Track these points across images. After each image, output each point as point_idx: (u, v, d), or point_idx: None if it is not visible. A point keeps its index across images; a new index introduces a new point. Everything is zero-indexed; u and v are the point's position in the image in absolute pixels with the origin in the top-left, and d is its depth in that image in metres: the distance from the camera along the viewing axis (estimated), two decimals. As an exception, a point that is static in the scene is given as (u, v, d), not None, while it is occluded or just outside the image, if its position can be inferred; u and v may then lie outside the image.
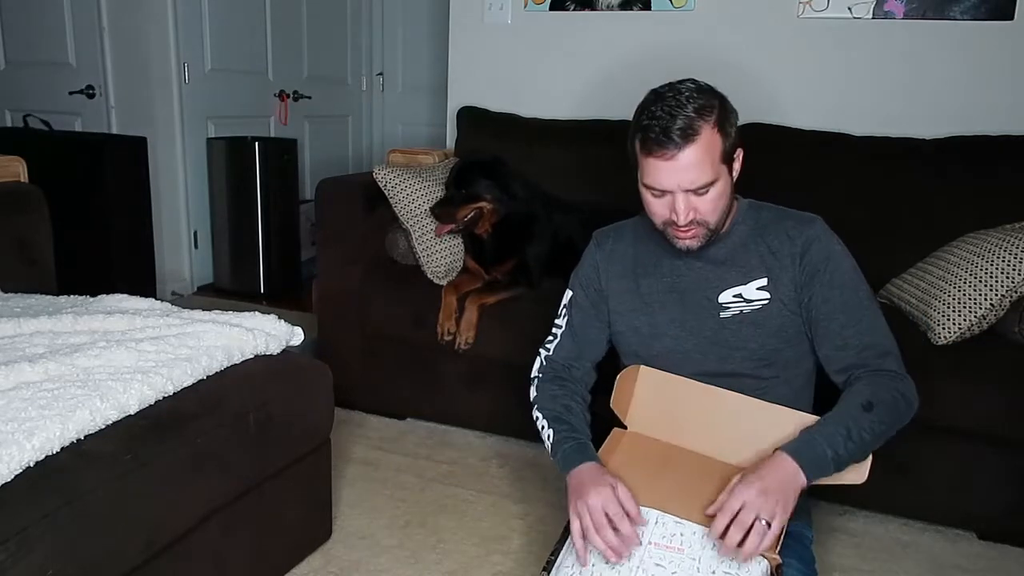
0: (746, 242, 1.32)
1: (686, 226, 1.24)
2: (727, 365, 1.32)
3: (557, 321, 1.48)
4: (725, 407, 1.27)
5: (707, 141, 1.19)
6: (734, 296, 1.31)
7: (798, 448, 1.14)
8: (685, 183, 1.20)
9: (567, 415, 1.35)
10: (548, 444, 1.35)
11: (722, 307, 1.32)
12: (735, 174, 1.28)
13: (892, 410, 1.20)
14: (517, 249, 2.22)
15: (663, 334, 1.36)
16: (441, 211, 2.16)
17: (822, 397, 1.35)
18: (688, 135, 1.17)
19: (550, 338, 1.48)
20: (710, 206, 1.23)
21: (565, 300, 1.48)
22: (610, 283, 1.41)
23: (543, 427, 1.37)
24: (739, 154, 1.28)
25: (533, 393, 1.44)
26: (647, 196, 1.26)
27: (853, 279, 1.29)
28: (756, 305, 1.30)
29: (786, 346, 1.32)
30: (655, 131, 1.19)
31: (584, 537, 1.14)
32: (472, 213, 2.17)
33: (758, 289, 1.30)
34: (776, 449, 1.15)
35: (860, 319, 1.26)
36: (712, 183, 1.21)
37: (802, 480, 1.12)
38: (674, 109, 1.18)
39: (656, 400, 1.32)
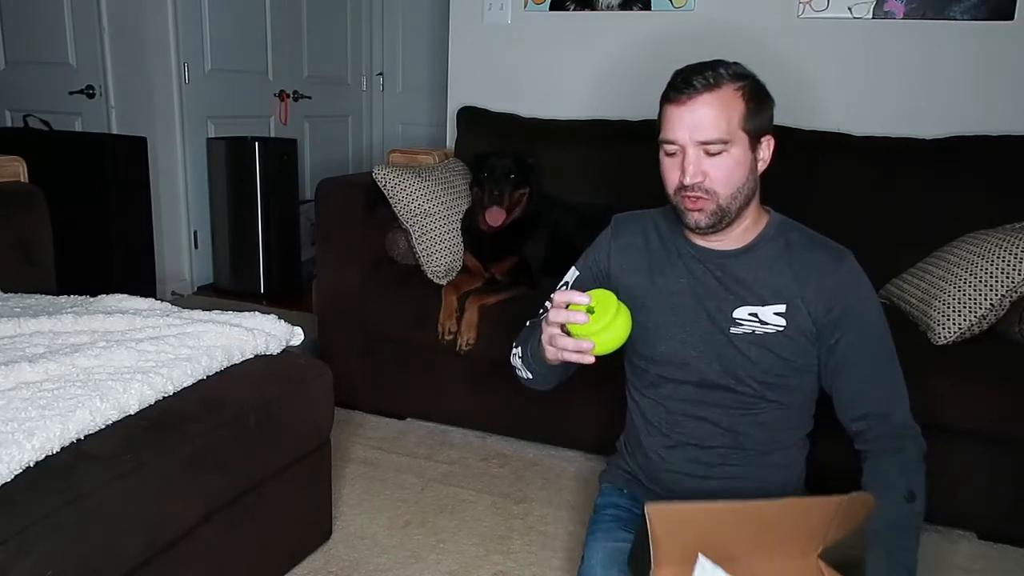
0: (772, 263, 1.25)
1: (693, 191, 1.17)
2: (728, 379, 1.27)
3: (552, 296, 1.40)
4: (749, 515, 1.14)
5: (727, 97, 1.16)
6: (749, 315, 1.25)
7: None
8: (696, 132, 1.15)
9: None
10: (519, 359, 1.33)
11: (735, 322, 1.25)
12: (761, 161, 1.22)
13: (924, 482, 1.19)
14: (517, 247, 2.22)
15: (669, 336, 1.30)
16: (498, 194, 2.13)
17: (821, 412, 1.33)
18: (708, 85, 1.15)
19: (542, 311, 1.38)
20: (721, 173, 1.17)
21: (568, 278, 1.41)
22: (621, 276, 1.35)
23: (516, 354, 1.34)
24: (768, 141, 1.22)
25: (514, 350, 1.37)
26: (662, 160, 1.22)
27: (879, 324, 1.24)
28: (770, 329, 1.24)
29: (792, 374, 1.27)
30: (678, 79, 1.18)
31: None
32: (519, 200, 2.19)
33: (775, 314, 1.24)
34: None
35: (882, 367, 1.23)
36: (725, 144, 1.15)
37: None
38: (704, 65, 1.17)
39: (678, 533, 1.13)
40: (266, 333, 1.55)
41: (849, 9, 2.38)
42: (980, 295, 1.74)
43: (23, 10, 3.52)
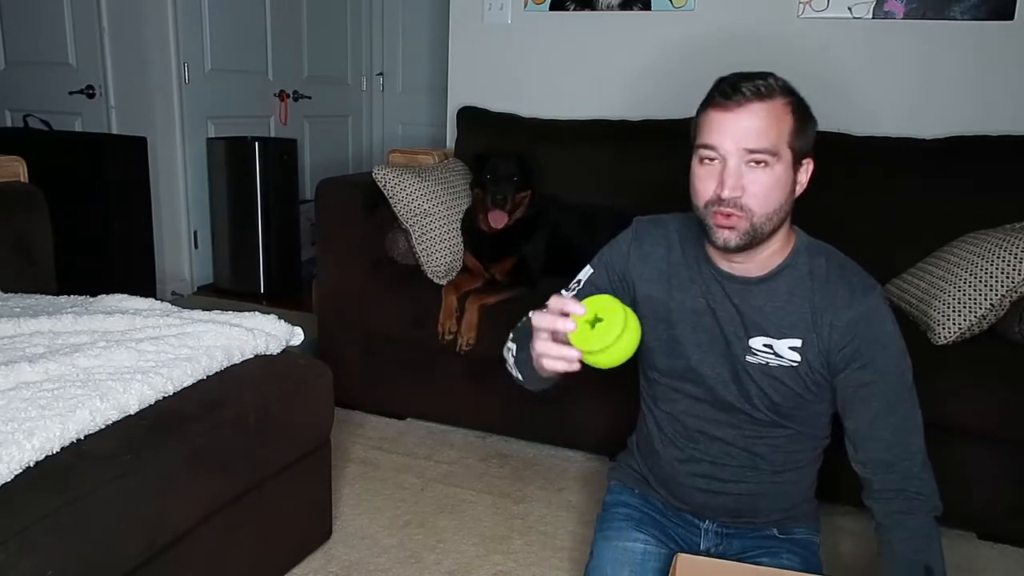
0: (792, 294, 1.17)
1: (728, 205, 1.08)
2: (746, 404, 1.23)
3: (563, 292, 1.29)
4: None
5: (777, 109, 1.08)
6: (764, 346, 1.19)
7: None
8: (743, 138, 1.07)
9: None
10: (512, 355, 1.23)
11: (750, 350, 1.20)
12: (799, 185, 1.14)
13: (940, 549, 1.18)
14: (517, 248, 2.22)
15: (686, 355, 1.25)
16: (501, 198, 2.13)
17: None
18: (760, 94, 1.07)
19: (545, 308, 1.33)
20: (761, 190, 1.08)
21: (583, 276, 1.33)
22: (639, 285, 1.28)
23: (510, 350, 1.24)
24: (808, 164, 1.15)
25: (508, 344, 1.27)
26: (696, 169, 1.13)
27: (899, 366, 1.17)
28: (784, 363, 1.19)
29: (806, 405, 1.22)
30: (725, 85, 1.09)
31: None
32: (521, 202, 2.19)
33: (790, 348, 1.18)
34: None
35: (897, 412, 1.16)
36: (772, 156, 1.07)
37: None
38: (753, 74, 1.09)
39: None
40: (266, 333, 1.55)
41: (849, 9, 2.38)
42: (980, 295, 1.74)
43: (23, 10, 3.52)
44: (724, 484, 1.28)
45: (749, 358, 1.20)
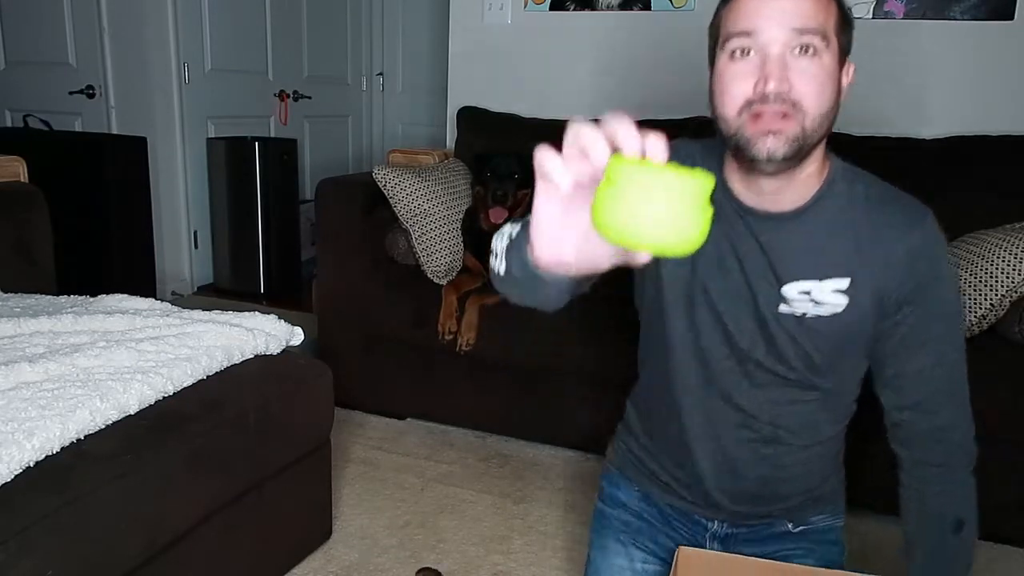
0: (832, 226, 1.00)
1: (775, 103, 0.88)
2: (777, 365, 1.06)
3: None
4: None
5: None
6: (801, 292, 1.00)
7: None
8: (789, 18, 0.88)
9: None
10: (507, 239, 0.87)
11: (783, 298, 1.02)
12: (844, 88, 0.96)
13: (974, 498, 1.07)
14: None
15: (708, 304, 1.06)
16: (502, 194, 2.15)
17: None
18: None
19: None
20: (813, 83, 0.89)
21: None
22: None
23: (508, 233, 0.88)
24: (850, 67, 0.97)
25: (507, 227, 0.90)
26: (724, 69, 0.94)
27: (953, 305, 1.05)
28: (824, 311, 1.00)
29: (851, 354, 1.06)
30: None
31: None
32: (522, 199, 2.20)
33: (835, 291, 1.00)
34: None
35: (946, 358, 1.03)
36: (822, 41, 0.89)
37: None
38: None
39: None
40: (266, 333, 1.55)
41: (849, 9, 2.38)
42: (980, 295, 1.74)
43: (23, 10, 3.52)
44: (744, 464, 1.12)
45: (782, 308, 1.02)
